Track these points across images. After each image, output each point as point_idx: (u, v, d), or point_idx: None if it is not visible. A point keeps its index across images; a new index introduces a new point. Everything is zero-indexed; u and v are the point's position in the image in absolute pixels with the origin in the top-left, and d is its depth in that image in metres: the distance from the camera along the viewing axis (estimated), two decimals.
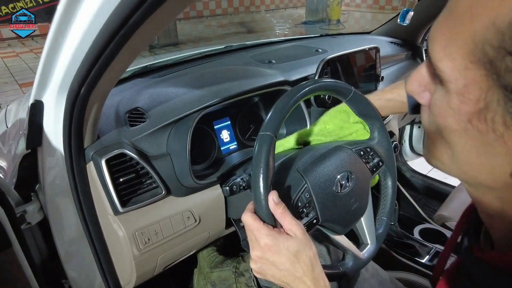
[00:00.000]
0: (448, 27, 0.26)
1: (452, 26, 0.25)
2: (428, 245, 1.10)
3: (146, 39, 0.47)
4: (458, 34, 0.25)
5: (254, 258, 0.53)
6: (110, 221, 0.72)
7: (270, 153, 0.57)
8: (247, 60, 1.17)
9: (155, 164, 0.74)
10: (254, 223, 0.53)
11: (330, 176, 0.66)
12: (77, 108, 0.58)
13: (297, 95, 0.62)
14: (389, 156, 0.79)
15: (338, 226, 0.68)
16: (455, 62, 0.25)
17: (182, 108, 0.77)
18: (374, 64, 1.19)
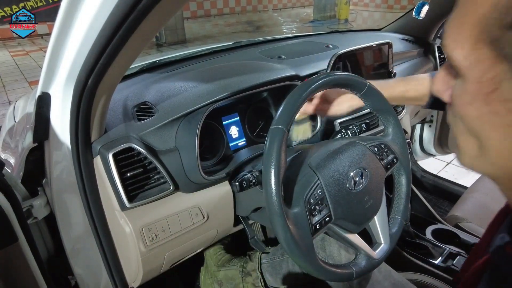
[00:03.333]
0: (456, 17, 0.27)
1: (459, 15, 0.27)
2: (441, 246, 1.07)
3: (156, 25, 0.45)
4: (465, 21, 0.26)
5: None
6: (117, 217, 0.71)
7: (282, 148, 0.55)
8: (257, 55, 1.15)
9: (163, 159, 0.73)
10: None
11: (343, 172, 0.64)
12: (84, 100, 0.57)
13: (310, 88, 0.59)
14: (404, 153, 0.76)
15: (351, 225, 0.65)
16: (466, 49, 0.27)
17: (191, 102, 0.76)
18: (387, 60, 1.16)
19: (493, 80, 0.26)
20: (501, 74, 0.25)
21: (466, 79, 0.28)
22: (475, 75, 0.27)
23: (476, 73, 0.27)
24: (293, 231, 0.55)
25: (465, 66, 0.28)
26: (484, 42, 0.26)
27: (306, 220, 0.57)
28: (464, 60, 0.27)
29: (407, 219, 0.79)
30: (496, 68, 0.26)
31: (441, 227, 1.17)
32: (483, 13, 0.25)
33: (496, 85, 0.26)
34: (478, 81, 0.27)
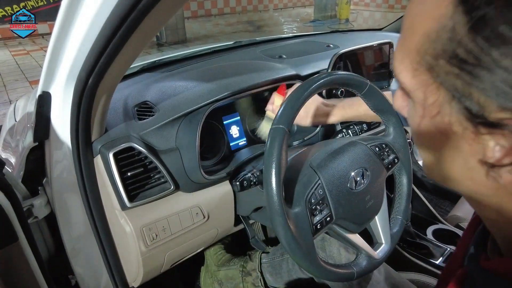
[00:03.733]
0: (401, 42, 0.29)
1: (402, 41, 0.29)
2: (442, 246, 1.06)
3: (157, 24, 0.45)
4: (407, 47, 0.28)
5: None
6: (117, 216, 0.71)
7: (283, 147, 0.55)
8: (257, 55, 1.15)
9: (164, 159, 0.73)
10: None
11: (344, 172, 0.64)
12: (85, 100, 0.57)
13: (311, 87, 0.59)
14: (405, 153, 0.76)
15: (352, 224, 0.65)
16: (409, 73, 0.28)
17: (192, 101, 0.76)
18: (388, 60, 1.16)
19: (435, 104, 0.27)
20: (441, 99, 0.27)
21: (414, 100, 0.30)
22: (419, 98, 0.29)
23: (419, 97, 0.29)
24: (294, 231, 0.55)
25: (410, 90, 0.29)
26: (422, 69, 0.27)
27: (307, 220, 0.57)
28: (409, 84, 0.29)
29: (408, 219, 0.79)
30: (436, 93, 0.27)
31: (442, 227, 1.16)
32: (418, 42, 0.27)
33: (438, 109, 0.27)
34: (422, 104, 0.29)
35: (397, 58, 0.30)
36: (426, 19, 0.26)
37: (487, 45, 0.23)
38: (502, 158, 0.25)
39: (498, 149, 0.25)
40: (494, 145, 0.25)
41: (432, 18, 0.25)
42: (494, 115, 0.24)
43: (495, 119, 0.24)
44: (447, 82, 0.26)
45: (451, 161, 0.29)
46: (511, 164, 0.25)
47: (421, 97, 0.28)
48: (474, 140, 0.26)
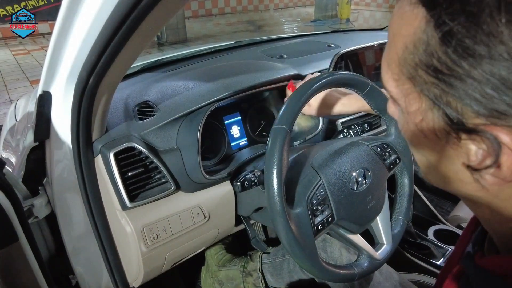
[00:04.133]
0: (386, 53, 0.30)
1: (387, 52, 0.30)
2: (443, 247, 1.06)
3: (158, 23, 0.45)
4: (390, 58, 0.29)
5: None
6: (118, 217, 0.70)
7: (285, 147, 0.55)
8: (258, 54, 1.15)
9: (165, 159, 0.72)
10: None
11: (346, 172, 0.63)
12: (85, 99, 0.57)
13: (312, 87, 0.59)
14: (406, 153, 0.76)
15: (354, 225, 0.65)
16: (394, 82, 0.29)
17: (193, 101, 0.75)
18: None
19: (418, 111, 0.29)
20: (424, 106, 0.28)
21: (401, 108, 0.31)
22: (403, 106, 0.30)
23: (403, 105, 0.30)
24: (295, 232, 0.54)
25: (395, 98, 0.31)
26: (404, 78, 0.28)
27: (308, 221, 0.57)
28: (394, 92, 0.30)
29: (409, 220, 0.78)
30: (418, 101, 0.28)
31: (443, 228, 1.16)
32: (398, 53, 0.28)
33: (422, 116, 0.29)
34: (407, 111, 0.30)
35: (383, 68, 0.31)
36: (404, 32, 0.27)
37: (456, 57, 0.24)
38: (483, 161, 0.26)
39: (480, 153, 0.26)
40: (475, 150, 0.26)
41: (409, 31, 0.27)
42: (471, 121, 0.25)
43: (472, 125, 0.25)
44: (426, 90, 0.27)
45: (440, 165, 0.30)
46: (491, 167, 0.26)
47: (405, 104, 0.30)
48: (457, 145, 0.27)
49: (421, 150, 0.32)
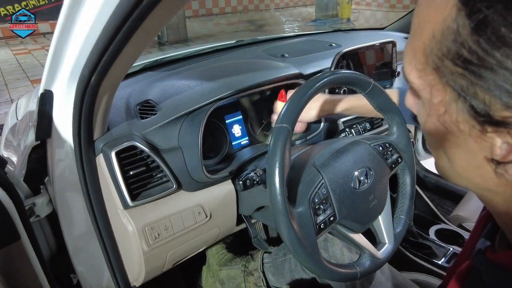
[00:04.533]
0: (409, 44, 0.30)
1: (411, 42, 0.30)
2: (444, 246, 1.06)
3: (160, 22, 0.44)
4: (414, 48, 0.29)
5: None
6: (120, 215, 0.70)
7: (287, 146, 0.54)
8: (259, 54, 1.15)
9: (166, 158, 0.72)
10: None
11: (348, 171, 0.63)
12: (87, 98, 0.57)
13: (314, 86, 0.59)
14: (408, 152, 0.75)
15: (356, 224, 0.65)
16: (418, 73, 0.29)
17: (194, 100, 0.75)
18: (391, 59, 1.15)
19: (442, 103, 0.28)
20: (447, 98, 0.27)
21: (423, 100, 0.31)
22: (426, 97, 0.30)
23: (427, 96, 0.29)
24: (297, 231, 0.54)
25: (418, 89, 0.30)
26: (429, 69, 0.28)
27: (310, 220, 0.57)
28: (417, 84, 0.30)
29: (411, 219, 0.78)
30: (442, 93, 0.28)
31: (445, 227, 1.16)
32: (424, 43, 0.27)
33: (445, 108, 0.28)
34: (429, 103, 0.29)
35: (406, 58, 0.30)
36: (432, 21, 0.26)
37: (489, 47, 0.23)
38: (508, 154, 0.26)
39: (505, 146, 0.25)
40: (501, 143, 0.26)
41: (437, 20, 0.26)
42: (499, 114, 0.24)
43: (500, 117, 0.24)
44: (452, 81, 0.26)
45: (460, 159, 0.30)
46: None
47: (428, 96, 0.29)
48: (481, 138, 0.27)
49: (441, 144, 0.31)
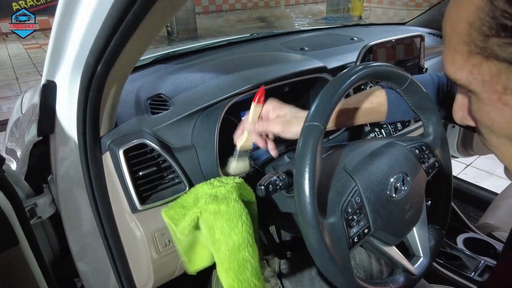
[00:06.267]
0: (447, 48, 0.32)
1: (448, 45, 0.32)
2: (475, 258, 0.98)
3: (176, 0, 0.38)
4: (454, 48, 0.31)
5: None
6: (127, 220, 0.64)
7: (318, 148, 0.48)
8: (277, 47, 1.08)
9: (179, 157, 0.66)
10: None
11: (383, 177, 0.56)
12: (93, 90, 0.50)
13: (349, 79, 0.52)
14: (446, 155, 0.68)
15: (391, 236, 0.58)
16: (463, 66, 0.31)
17: (210, 95, 0.69)
18: (418, 54, 1.07)
19: (497, 80, 0.29)
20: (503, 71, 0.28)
21: (478, 92, 0.31)
22: (479, 85, 0.30)
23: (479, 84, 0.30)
24: (328, 245, 0.47)
25: (468, 82, 0.31)
26: (477, 55, 0.29)
27: (343, 232, 0.50)
28: (465, 77, 0.31)
29: (445, 230, 0.71)
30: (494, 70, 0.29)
31: (473, 236, 1.08)
32: (463, 36, 0.29)
33: (503, 83, 0.29)
34: (485, 89, 0.30)
35: (447, 62, 0.32)
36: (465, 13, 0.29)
37: None
38: None
39: None
40: None
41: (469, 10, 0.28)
42: None
43: None
44: (503, 53, 0.27)
45: None
46: None
47: (480, 84, 0.30)
48: None
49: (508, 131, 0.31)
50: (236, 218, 0.57)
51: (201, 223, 0.59)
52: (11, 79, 4.85)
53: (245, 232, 0.56)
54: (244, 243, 0.55)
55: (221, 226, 0.56)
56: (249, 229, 0.57)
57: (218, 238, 0.56)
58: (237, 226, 0.56)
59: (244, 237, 0.56)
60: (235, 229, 0.56)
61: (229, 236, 0.56)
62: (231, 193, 0.60)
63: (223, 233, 0.56)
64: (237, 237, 0.55)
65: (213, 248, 0.58)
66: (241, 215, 0.57)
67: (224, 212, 0.57)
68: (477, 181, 2.45)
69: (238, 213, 0.57)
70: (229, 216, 0.57)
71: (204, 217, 0.59)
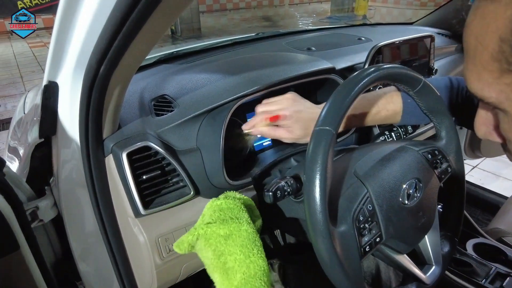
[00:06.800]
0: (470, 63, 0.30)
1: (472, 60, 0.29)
2: (486, 264, 0.95)
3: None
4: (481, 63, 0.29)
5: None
6: (130, 224, 0.63)
7: (329, 154, 0.45)
8: (283, 46, 1.06)
9: (183, 160, 0.64)
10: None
11: (396, 183, 0.54)
12: (95, 91, 0.49)
13: (361, 82, 0.50)
14: (459, 160, 0.66)
15: (402, 244, 0.56)
16: (495, 86, 0.28)
17: (216, 96, 0.67)
18: (428, 55, 1.05)
19: None
20: None
21: (507, 108, 0.29)
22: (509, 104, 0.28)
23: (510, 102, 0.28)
24: (339, 255, 0.45)
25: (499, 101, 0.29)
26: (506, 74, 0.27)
27: (354, 241, 0.48)
28: (495, 95, 0.29)
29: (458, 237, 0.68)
30: None
31: (484, 242, 1.05)
32: (493, 52, 0.27)
33: None
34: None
35: (472, 78, 0.30)
36: (493, 29, 0.27)
37: None
38: None
39: None
40: None
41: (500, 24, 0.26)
42: None
43: None
44: None
45: None
46: None
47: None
48: None
49: None
50: (250, 245, 0.52)
51: (205, 246, 0.53)
52: (15, 77, 4.87)
53: (260, 260, 0.51)
54: (261, 271, 0.50)
55: (234, 253, 0.51)
56: (262, 254, 0.52)
57: (231, 266, 0.51)
58: (252, 253, 0.51)
59: (260, 265, 0.50)
60: (250, 257, 0.51)
61: (244, 264, 0.50)
62: (243, 212, 0.55)
63: (237, 260, 0.50)
64: (253, 266, 0.50)
65: (222, 275, 0.52)
66: (254, 240, 0.52)
67: (237, 237, 0.52)
68: (483, 183, 2.42)
69: (251, 238, 0.52)
70: (242, 241, 0.52)
71: (211, 242, 0.53)
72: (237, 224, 0.53)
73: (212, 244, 0.53)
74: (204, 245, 0.53)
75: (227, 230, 0.52)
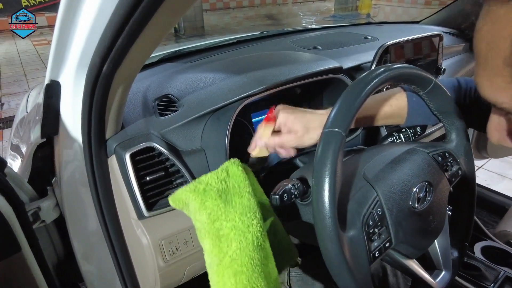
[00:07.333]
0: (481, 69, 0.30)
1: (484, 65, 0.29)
2: (495, 268, 0.93)
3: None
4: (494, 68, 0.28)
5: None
6: (133, 226, 0.61)
7: (339, 157, 0.44)
8: (288, 45, 1.04)
9: (187, 161, 0.63)
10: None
11: (406, 187, 0.52)
12: (98, 90, 0.48)
13: (372, 83, 0.48)
14: (469, 163, 0.64)
15: (412, 249, 0.54)
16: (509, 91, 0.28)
17: (221, 96, 0.65)
18: (436, 54, 1.03)
19: None
20: None
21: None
22: None
23: None
24: (348, 260, 0.44)
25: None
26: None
27: (364, 247, 0.46)
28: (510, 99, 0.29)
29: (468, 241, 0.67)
30: None
31: (492, 245, 1.03)
32: (506, 54, 0.27)
33: None
34: None
35: (484, 83, 0.30)
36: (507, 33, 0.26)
37: None
38: None
39: None
40: None
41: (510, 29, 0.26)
42: None
43: None
44: None
45: None
46: None
47: None
48: None
49: None
50: (251, 215, 0.47)
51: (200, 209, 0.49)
52: (19, 75, 4.88)
53: (259, 234, 0.47)
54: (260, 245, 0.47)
55: (232, 219, 0.47)
56: (263, 230, 0.48)
57: (226, 234, 0.47)
58: (251, 224, 0.47)
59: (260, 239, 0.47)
60: (250, 227, 0.47)
61: (242, 234, 0.46)
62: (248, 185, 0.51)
63: (235, 228, 0.46)
64: (252, 237, 0.46)
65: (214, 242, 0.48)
66: (255, 212, 0.48)
67: (237, 203, 0.48)
68: (489, 183, 2.39)
69: (253, 209, 0.48)
70: (243, 210, 0.48)
71: (207, 204, 0.48)
72: (239, 192, 0.50)
73: (208, 207, 0.48)
74: (199, 207, 0.49)
75: (228, 195, 0.49)
